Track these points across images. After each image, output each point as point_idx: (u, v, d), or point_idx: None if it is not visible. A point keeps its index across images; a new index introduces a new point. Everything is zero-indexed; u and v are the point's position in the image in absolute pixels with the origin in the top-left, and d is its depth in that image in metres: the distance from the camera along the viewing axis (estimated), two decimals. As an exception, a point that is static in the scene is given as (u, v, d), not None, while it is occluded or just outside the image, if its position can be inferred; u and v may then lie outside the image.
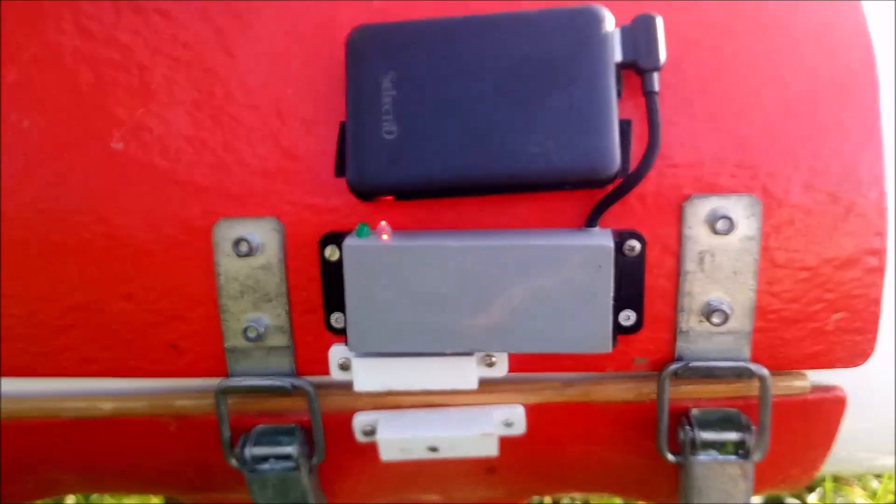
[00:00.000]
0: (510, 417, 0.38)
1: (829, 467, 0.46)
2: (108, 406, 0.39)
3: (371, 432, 0.38)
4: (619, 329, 0.35)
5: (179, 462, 0.41)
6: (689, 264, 0.34)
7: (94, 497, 0.79)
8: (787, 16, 0.35)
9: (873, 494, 0.74)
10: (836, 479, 0.75)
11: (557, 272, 0.32)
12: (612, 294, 0.32)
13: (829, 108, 0.34)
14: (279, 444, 0.38)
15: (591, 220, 0.34)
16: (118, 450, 0.41)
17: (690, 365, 0.35)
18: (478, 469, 0.41)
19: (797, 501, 0.74)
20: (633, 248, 0.34)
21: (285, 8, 0.36)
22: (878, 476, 0.75)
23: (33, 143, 0.36)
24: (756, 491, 0.42)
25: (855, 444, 0.42)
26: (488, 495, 0.44)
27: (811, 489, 0.74)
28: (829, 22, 0.35)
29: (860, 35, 0.35)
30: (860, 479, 0.76)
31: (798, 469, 0.40)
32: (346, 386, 0.37)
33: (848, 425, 0.40)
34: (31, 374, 0.38)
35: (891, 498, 0.73)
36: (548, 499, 0.76)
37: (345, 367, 0.36)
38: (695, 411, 0.37)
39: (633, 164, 0.34)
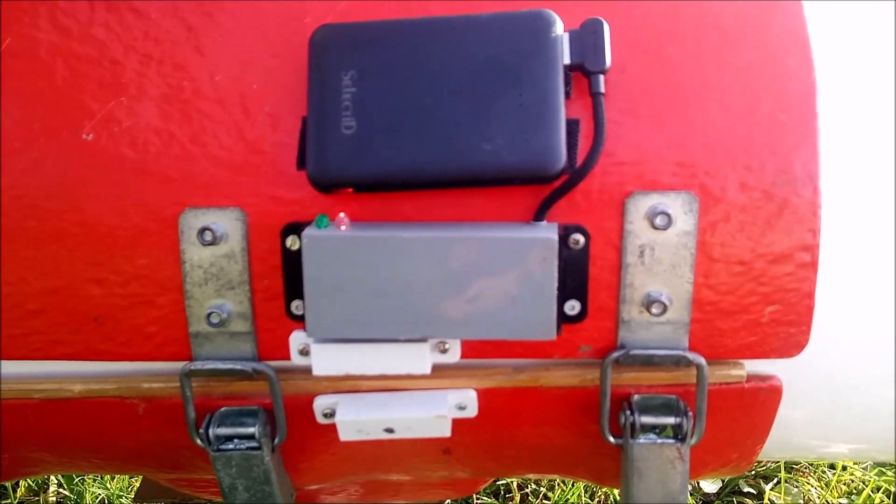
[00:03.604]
0: (463, 401, 0.40)
1: (781, 454, 0.48)
2: (77, 388, 0.40)
3: (331, 414, 0.40)
4: (564, 318, 0.37)
5: (148, 442, 0.43)
6: (630, 257, 0.36)
7: (76, 480, 0.80)
8: (727, 19, 0.37)
9: (827, 484, 0.77)
10: (791, 470, 0.78)
11: (506, 263, 0.34)
12: (556, 285, 0.34)
13: (767, 109, 0.36)
14: (243, 424, 0.40)
15: (538, 215, 0.35)
16: (89, 430, 0.42)
17: (631, 353, 0.37)
18: (435, 450, 0.43)
19: (753, 490, 0.76)
20: (577, 242, 0.36)
21: (253, 7, 0.38)
22: (832, 466, 0.78)
23: (7, 132, 0.37)
24: (697, 475, 0.44)
25: (806, 432, 0.44)
26: (446, 475, 0.46)
27: (767, 479, 0.77)
28: (769, 24, 0.37)
29: (798, 36, 0.37)
30: (815, 469, 0.78)
31: (737, 454, 0.42)
32: (307, 371, 0.39)
33: (798, 413, 0.42)
34: (2, 357, 0.39)
35: (843, 488, 0.76)
36: (514, 483, 0.78)
37: (305, 352, 0.38)
38: (636, 397, 0.39)
39: (580, 161, 0.35)
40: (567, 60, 0.35)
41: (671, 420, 0.38)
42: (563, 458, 0.43)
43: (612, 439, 0.39)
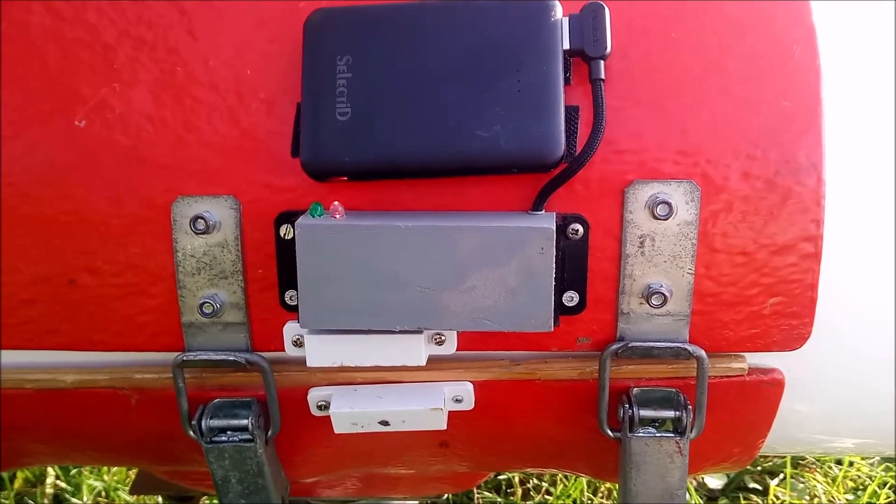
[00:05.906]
0: (459, 393, 0.39)
1: (787, 449, 0.47)
2: (70, 378, 0.40)
3: (325, 406, 0.39)
4: (562, 310, 0.36)
5: (142, 434, 0.42)
6: (630, 248, 0.35)
7: (73, 472, 0.80)
8: (732, 5, 0.36)
9: (833, 480, 0.76)
10: (797, 465, 0.77)
11: (503, 253, 0.33)
12: (553, 275, 0.33)
13: (771, 98, 0.35)
14: (236, 416, 0.39)
15: (536, 204, 0.35)
16: (82, 421, 0.42)
17: (630, 345, 0.36)
18: (432, 443, 0.43)
19: (758, 486, 0.75)
20: (576, 232, 0.35)
21: (247, -8, 0.37)
22: (839, 462, 0.77)
23: (0, 118, 0.37)
24: (698, 469, 0.43)
25: (810, 427, 0.43)
26: (443, 469, 0.46)
27: (773, 475, 0.76)
28: (774, 11, 0.36)
29: (804, 23, 0.36)
30: (821, 465, 0.77)
31: (738, 448, 0.41)
32: (302, 362, 0.38)
33: (802, 407, 0.41)
34: (-3, 346, 0.39)
35: (850, 484, 0.75)
36: (516, 477, 0.77)
37: (299, 343, 0.37)
38: (635, 390, 0.38)
39: (580, 149, 0.35)
40: (567, 45, 0.34)
41: (670, 414, 0.37)
42: (561, 452, 0.43)
43: (610, 433, 0.38)
